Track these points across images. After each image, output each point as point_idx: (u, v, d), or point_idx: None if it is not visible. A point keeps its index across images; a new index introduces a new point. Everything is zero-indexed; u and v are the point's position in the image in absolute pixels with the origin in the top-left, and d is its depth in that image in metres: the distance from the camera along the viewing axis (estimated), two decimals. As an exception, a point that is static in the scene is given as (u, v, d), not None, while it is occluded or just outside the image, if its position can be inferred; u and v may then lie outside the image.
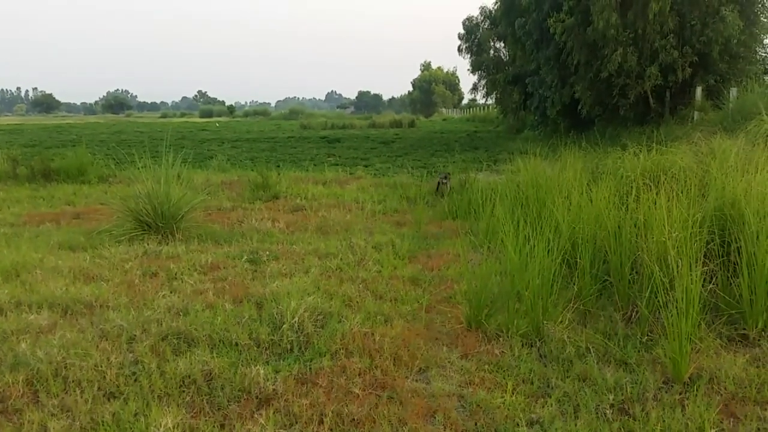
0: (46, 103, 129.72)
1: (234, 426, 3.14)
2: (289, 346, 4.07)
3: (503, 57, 31.67)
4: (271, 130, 35.62)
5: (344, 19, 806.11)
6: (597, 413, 3.27)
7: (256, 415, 3.24)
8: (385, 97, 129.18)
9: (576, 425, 3.13)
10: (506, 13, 23.88)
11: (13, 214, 9.15)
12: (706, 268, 4.43)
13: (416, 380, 3.71)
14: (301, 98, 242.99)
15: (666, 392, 3.51)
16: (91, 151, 16.57)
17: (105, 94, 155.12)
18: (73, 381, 3.59)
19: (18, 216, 9.03)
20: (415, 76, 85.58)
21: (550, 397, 3.45)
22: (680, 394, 3.48)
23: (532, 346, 4.14)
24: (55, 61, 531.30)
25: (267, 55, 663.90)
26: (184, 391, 3.51)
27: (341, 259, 6.27)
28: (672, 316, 3.68)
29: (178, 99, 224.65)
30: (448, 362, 3.94)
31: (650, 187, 5.39)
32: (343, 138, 26.95)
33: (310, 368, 3.78)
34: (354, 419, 3.22)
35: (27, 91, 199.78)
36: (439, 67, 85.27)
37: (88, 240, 7.15)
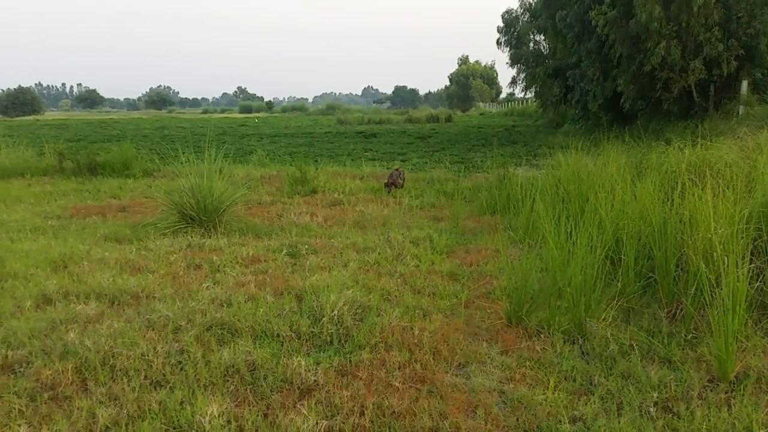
0: (90, 99, 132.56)
1: (277, 415, 3.19)
2: (329, 339, 4.11)
3: (543, 50, 31.26)
4: (308, 126, 35.87)
5: (381, 14, 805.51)
6: (641, 411, 3.23)
7: (298, 405, 3.28)
8: (422, 92, 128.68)
9: (619, 423, 3.09)
10: (547, 6, 23.51)
11: (60, 207, 9.42)
12: (753, 265, 4.31)
13: (456, 375, 3.71)
14: (337, 94, 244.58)
15: (711, 391, 3.44)
16: (135, 145, 16.90)
17: (147, 90, 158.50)
18: (120, 370, 3.69)
19: (65, 209, 9.29)
20: (452, 70, 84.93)
21: (593, 394, 3.42)
22: (726, 393, 3.41)
23: (574, 343, 4.10)
24: (99, 58, 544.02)
25: (304, 51, 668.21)
26: (228, 381, 3.57)
27: (379, 253, 6.29)
28: (718, 313, 3.61)
29: (218, 95, 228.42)
30: (488, 358, 3.93)
31: (695, 182, 5.27)
32: (380, 133, 26.98)
33: (350, 360, 3.81)
34: (394, 412, 3.23)
35: (72, 87, 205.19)
36: (476, 61, 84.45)
37: (133, 232, 7.33)
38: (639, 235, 4.90)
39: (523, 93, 37.12)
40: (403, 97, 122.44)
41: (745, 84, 15.77)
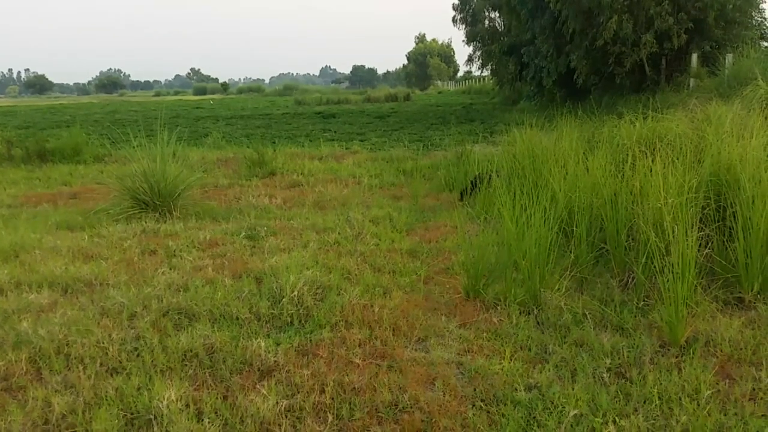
0: (39, 85, 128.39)
1: (237, 397, 3.17)
2: (289, 319, 4.10)
3: (498, 27, 31.40)
4: (265, 107, 35.40)
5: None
6: (594, 377, 3.32)
7: (258, 386, 3.27)
8: (380, 71, 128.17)
9: (573, 389, 3.17)
10: (500, -18, 23.59)
11: (10, 196, 9.14)
12: (701, 233, 4.45)
13: (415, 349, 3.75)
14: (295, 74, 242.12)
15: (662, 356, 3.55)
16: (86, 131, 16.46)
17: (98, 74, 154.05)
18: (75, 358, 3.62)
19: (15, 197, 9.01)
20: (410, 48, 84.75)
21: (548, 362, 3.50)
22: (676, 357, 3.52)
23: (529, 313, 4.18)
24: (47, 42, 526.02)
25: (260, 30, 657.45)
26: (186, 365, 3.54)
27: (339, 233, 6.28)
28: (668, 281, 3.71)
29: (171, 77, 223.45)
30: (447, 331, 3.98)
31: (646, 154, 5.39)
32: (339, 113, 26.82)
33: (311, 340, 3.81)
34: (355, 388, 3.26)
35: (19, 72, 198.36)
36: (434, 39, 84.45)
37: (85, 219, 7.16)
38: (591, 207, 5.00)
39: (480, 71, 37.37)
40: (362, 76, 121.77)
41: (695, 57, 16.09)
